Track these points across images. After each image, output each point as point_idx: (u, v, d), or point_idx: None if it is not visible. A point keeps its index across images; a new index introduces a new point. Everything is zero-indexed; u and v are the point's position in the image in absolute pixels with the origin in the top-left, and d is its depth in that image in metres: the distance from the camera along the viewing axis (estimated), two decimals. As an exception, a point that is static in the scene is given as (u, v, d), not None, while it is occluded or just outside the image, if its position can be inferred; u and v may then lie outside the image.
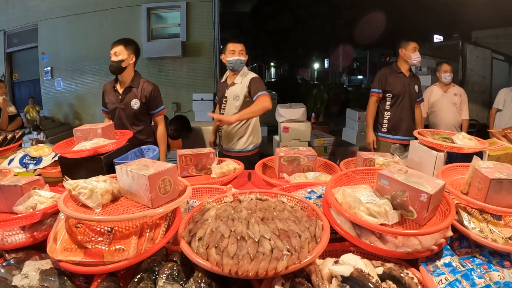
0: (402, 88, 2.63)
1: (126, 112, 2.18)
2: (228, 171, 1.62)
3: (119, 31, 7.01)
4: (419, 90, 2.72)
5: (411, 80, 2.67)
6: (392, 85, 2.65)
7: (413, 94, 2.67)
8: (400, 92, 2.63)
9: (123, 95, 2.16)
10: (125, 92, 2.17)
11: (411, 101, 2.67)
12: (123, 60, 2.10)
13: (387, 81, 2.67)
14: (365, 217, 0.90)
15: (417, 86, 2.70)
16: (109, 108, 2.22)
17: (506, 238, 0.94)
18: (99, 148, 1.45)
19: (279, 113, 4.59)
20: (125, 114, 2.18)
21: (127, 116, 2.19)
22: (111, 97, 2.21)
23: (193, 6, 6.98)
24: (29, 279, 0.85)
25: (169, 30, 7.35)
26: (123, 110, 2.17)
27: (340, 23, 11.02)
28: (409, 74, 2.69)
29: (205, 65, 7.07)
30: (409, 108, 2.67)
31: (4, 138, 2.00)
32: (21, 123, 3.69)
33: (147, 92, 2.18)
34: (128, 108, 2.17)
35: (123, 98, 2.16)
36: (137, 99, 2.16)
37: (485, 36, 7.41)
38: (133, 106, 2.16)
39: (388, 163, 1.51)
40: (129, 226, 0.88)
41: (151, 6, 7.04)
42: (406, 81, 2.65)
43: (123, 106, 2.17)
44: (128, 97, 2.16)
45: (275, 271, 0.75)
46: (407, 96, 2.64)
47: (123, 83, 2.18)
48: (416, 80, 2.72)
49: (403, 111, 2.65)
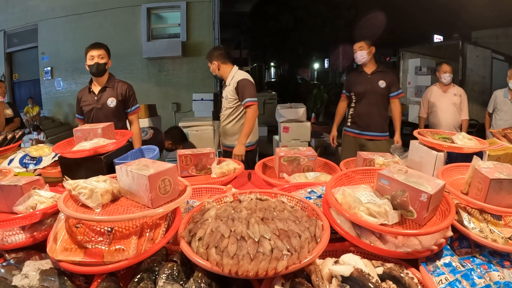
0: (363, 86, 2.74)
1: (103, 111, 2.23)
2: (228, 171, 1.62)
3: (119, 31, 7.03)
4: (388, 85, 2.71)
5: (374, 78, 2.72)
6: (354, 85, 2.81)
7: (377, 90, 2.70)
8: (360, 90, 2.75)
9: (99, 94, 2.22)
10: (101, 92, 2.23)
11: (375, 97, 2.71)
12: (106, 63, 2.20)
13: (350, 81, 2.87)
14: (365, 217, 0.90)
15: (383, 81, 2.70)
16: (85, 110, 2.25)
17: (506, 238, 0.94)
18: (99, 148, 1.45)
19: (279, 113, 4.60)
20: (102, 113, 2.23)
21: (104, 115, 2.23)
22: (87, 98, 2.25)
23: (193, 6, 6.98)
24: (29, 279, 0.85)
25: (169, 30, 7.35)
26: (100, 109, 2.22)
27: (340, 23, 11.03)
28: (372, 71, 2.73)
29: (205, 65, 6.98)
30: (373, 105, 2.72)
31: (4, 138, 2.00)
32: (19, 124, 3.69)
33: (123, 90, 2.26)
34: (105, 108, 2.22)
35: (99, 98, 2.22)
36: (113, 97, 2.23)
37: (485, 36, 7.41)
38: (109, 104, 2.22)
39: (388, 163, 1.51)
40: (129, 226, 0.88)
41: (151, 6, 7.05)
42: (367, 79, 2.73)
43: (100, 106, 2.22)
44: (105, 96, 2.23)
45: (275, 271, 0.75)
46: (369, 93, 2.71)
47: (100, 85, 2.25)
48: (383, 76, 2.71)
49: (365, 108, 2.74)
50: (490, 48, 6.09)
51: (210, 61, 2.50)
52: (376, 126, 2.73)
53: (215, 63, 2.47)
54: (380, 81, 2.69)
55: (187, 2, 6.94)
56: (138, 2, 7.00)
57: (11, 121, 3.52)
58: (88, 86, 2.26)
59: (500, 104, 3.39)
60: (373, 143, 2.75)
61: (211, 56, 2.48)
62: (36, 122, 6.78)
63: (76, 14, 7.20)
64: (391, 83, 2.71)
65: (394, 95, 2.75)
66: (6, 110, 3.43)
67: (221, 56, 2.46)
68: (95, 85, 2.26)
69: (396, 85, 2.76)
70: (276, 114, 4.70)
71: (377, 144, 2.73)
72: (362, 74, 2.76)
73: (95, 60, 2.14)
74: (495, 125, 3.39)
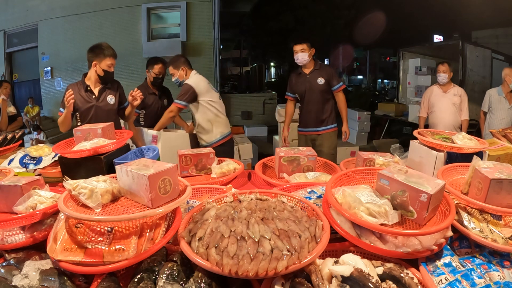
0: (303, 86, 2.88)
1: (104, 109, 2.26)
2: (228, 171, 1.62)
3: (119, 31, 7.03)
4: (327, 81, 2.81)
5: (312, 76, 2.84)
6: (295, 86, 2.95)
7: (317, 88, 2.82)
8: (302, 90, 2.89)
9: (101, 93, 2.25)
10: (102, 90, 2.26)
11: (314, 95, 2.84)
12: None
13: (292, 83, 2.99)
14: (365, 217, 0.90)
15: (321, 78, 2.81)
16: (83, 107, 2.23)
17: (506, 238, 0.94)
18: (99, 148, 1.45)
19: (279, 113, 4.60)
20: (103, 111, 2.25)
21: (106, 113, 2.25)
22: (84, 97, 2.23)
23: (193, 6, 6.98)
24: (29, 279, 0.85)
25: (169, 30, 7.35)
26: (101, 107, 2.24)
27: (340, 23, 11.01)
28: (310, 70, 2.85)
29: (205, 65, 7.07)
30: (314, 102, 2.87)
31: (4, 138, 2.00)
32: (21, 123, 3.69)
33: (117, 87, 2.36)
34: (107, 105, 2.26)
35: (101, 96, 2.25)
36: (112, 95, 2.29)
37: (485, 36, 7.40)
38: (109, 101, 2.27)
39: (388, 163, 1.51)
40: (129, 226, 0.88)
41: (151, 6, 7.05)
42: (306, 79, 2.85)
43: (101, 104, 2.25)
44: (105, 94, 2.27)
45: (275, 271, 0.75)
46: (310, 92, 2.85)
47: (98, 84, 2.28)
48: (320, 73, 2.82)
49: (309, 106, 2.89)
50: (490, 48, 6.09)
51: (177, 68, 2.64)
52: (322, 121, 2.90)
53: (183, 69, 2.65)
54: (319, 78, 2.81)
55: (187, 2, 6.93)
56: (138, 2, 7.00)
57: (14, 119, 3.52)
58: (86, 85, 2.24)
59: (495, 103, 3.39)
60: (321, 136, 2.93)
61: (178, 63, 2.64)
62: (36, 122, 6.78)
63: (76, 14, 7.19)
64: (330, 78, 2.83)
65: (335, 89, 2.87)
66: (9, 108, 3.43)
67: (187, 63, 2.69)
68: (94, 84, 2.27)
69: (335, 78, 2.87)
70: (276, 114, 4.70)
71: (324, 137, 2.92)
72: (301, 75, 2.90)
73: (112, 69, 2.22)
74: (492, 124, 3.39)
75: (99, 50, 2.16)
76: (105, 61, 2.16)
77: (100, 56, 2.15)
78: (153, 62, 2.79)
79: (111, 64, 2.19)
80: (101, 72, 2.18)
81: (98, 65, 2.16)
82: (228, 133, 2.74)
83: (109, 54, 2.17)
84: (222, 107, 2.71)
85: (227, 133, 2.73)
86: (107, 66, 2.17)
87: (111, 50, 2.20)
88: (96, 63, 2.16)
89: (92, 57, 2.17)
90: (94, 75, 2.20)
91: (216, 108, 2.60)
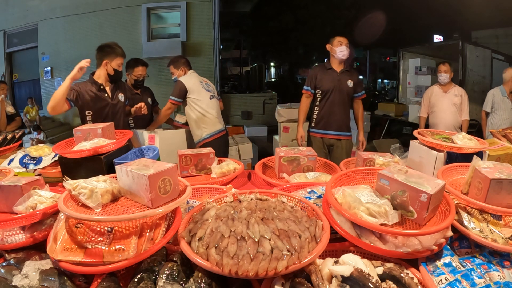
0: (331, 84, 2.67)
1: (117, 107, 2.30)
2: (228, 171, 1.62)
3: (119, 31, 7.03)
4: (354, 85, 2.71)
5: (342, 76, 2.68)
6: (321, 82, 2.70)
7: (345, 90, 2.68)
8: (328, 88, 2.67)
9: (113, 92, 2.28)
10: (114, 89, 2.30)
11: (342, 96, 2.68)
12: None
13: (317, 78, 2.73)
14: (365, 217, 0.90)
15: (351, 81, 2.69)
16: (98, 106, 2.23)
17: (506, 238, 0.94)
18: (99, 148, 1.45)
19: (279, 113, 4.59)
20: (117, 109, 2.29)
21: (119, 111, 2.30)
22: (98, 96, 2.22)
23: (193, 6, 6.98)
24: (29, 279, 0.85)
25: (169, 30, 7.35)
26: (115, 105, 2.28)
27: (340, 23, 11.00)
28: (341, 70, 2.70)
29: (205, 65, 7.08)
30: (339, 104, 2.69)
31: (4, 138, 2.00)
32: (20, 123, 3.68)
33: (124, 85, 2.44)
34: (119, 103, 2.31)
35: (114, 95, 2.29)
36: (122, 93, 2.34)
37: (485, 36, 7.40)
38: (120, 99, 2.31)
39: (388, 163, 1.51)
40: (129, 226, 0.88)
41: (151, 6, 7.05)
42: (336, 77, 2.68)
43: (116, 102, 2.29)
44: (117, 92, 2.31)
45: (275, 271, 0.75)
46: (337, 92, 2.67)
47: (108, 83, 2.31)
48: (351, 76, 2.71)
49: (332, 107, 2.69)
50: (490, 48, 6.08)
51: (177, 67, 2.71)
52: (345, 126, 2.76)
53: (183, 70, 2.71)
54: (349, 80, 2.70)
55: (187, 2, 6.94)
56: (138, 2, 7.01)
57: (12, 119, 3.51)
58: (99, 84, 2.23)
59: (498, 103, 3.39)
60: (340, 142, 2.74)
61: (178, 63, 2.72)
62: (36, 122, 6.77)
63: (76, 14, 7.20)
64: (357, 84, 2.74)
65: (358, 95, 2.79)
66: (8, 108, 3.43)
67: (187, 64, 2.75)
68: (105, 83, 2.28)
69: (361, 86, 2.80)
70: (276, 114, 4.70)
71: (344, 144, 2.74)
72: (330, 71, 2.72)
73: (120, 69, 2.24)
74: (494, 124, 3.39)
75: (110, 49, 2.18)
76: (116, 60, 2.18)
77: (112, 55, 2.17)
78: (133, 65, 2.70)
79: (121, 63, 2.22)
80: (111, 71, 2.19)
81: (109, 63, 2.17)
82: (216, 132, 2.66)
83: (120, 54, 2.20)
84: (213, 106, 2.67)
85: (215, 131, 2.66)
86: (117, 65, 2.19)
87: (121, 50, 2.22)
88: (107, 62, 2.17)
89: (103, 56, 2.18)
90: (104, 74, 2.21)
91: (202, 107, 2.58)
